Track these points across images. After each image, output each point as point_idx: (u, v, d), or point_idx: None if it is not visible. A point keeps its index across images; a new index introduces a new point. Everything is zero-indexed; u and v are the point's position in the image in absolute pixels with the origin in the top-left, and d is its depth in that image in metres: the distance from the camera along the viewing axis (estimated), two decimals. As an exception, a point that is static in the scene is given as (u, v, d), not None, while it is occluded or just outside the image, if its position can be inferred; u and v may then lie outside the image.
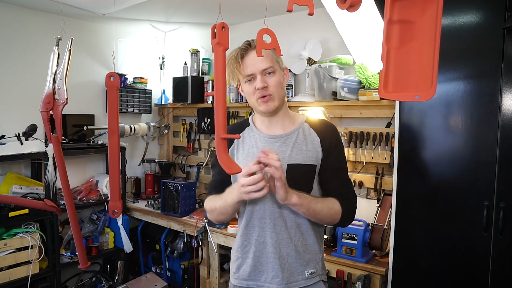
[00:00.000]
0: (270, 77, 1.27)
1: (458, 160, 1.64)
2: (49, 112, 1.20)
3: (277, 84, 1.28)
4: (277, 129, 1.35)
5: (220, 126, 0.81)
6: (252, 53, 1.27)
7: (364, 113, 2.49)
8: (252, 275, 1.32)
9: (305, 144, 1.31)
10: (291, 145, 1.31)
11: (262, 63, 1.26)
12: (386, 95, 0.78)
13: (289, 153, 1.29)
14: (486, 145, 1.56)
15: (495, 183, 1.53)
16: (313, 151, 1.31)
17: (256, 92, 1.27)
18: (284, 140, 1.32)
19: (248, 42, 1.29)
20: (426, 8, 0.73)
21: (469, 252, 1.63)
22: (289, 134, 1.33)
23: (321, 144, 1.31)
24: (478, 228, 1.58)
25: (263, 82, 1.26)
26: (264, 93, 1.27)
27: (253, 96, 1.29)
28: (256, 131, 1.37)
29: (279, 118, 1.34)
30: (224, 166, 0.81)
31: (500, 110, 1.51)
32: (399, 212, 1.85)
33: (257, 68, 1.26)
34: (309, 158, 1.30)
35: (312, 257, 1.32)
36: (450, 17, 1.63)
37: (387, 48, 0.76)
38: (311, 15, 0.76)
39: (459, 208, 1.65)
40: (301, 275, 1.30)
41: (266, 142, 1.33)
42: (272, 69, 1.28)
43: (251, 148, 1.35)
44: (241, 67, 1.28)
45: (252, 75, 1.27)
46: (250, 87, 1.29)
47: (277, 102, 1.29)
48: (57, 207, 1.32)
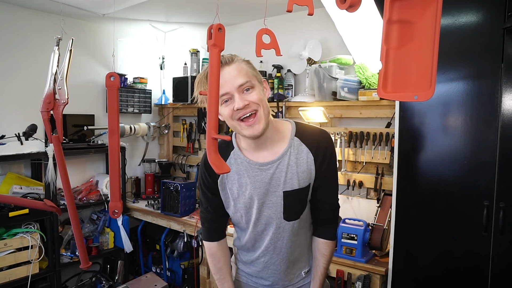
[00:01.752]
0: (249, 93, 1.11)
1: (458, 160, 1.64)
2: (49, 112, 1.20)
3: (259, 99, 1.12)
4: (267, 153, 1.22)
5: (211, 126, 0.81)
6: (224, 70, 1.09)
7: (364, 113, 2.49)
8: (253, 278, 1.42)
9: (297, 166, 1.22)
10: (284, 170, 1.21)
11: (237, 78, 1.09)
12: (385, 95, 0.78)
13: (283, 180, 1.21)
14: (486, 145, 1.56)
15: (495, 183, 1.53)
16: (307, 172, 1.23)
17: (235, 113, 1.11)
18: (277, 166, 1.21)
19: (222, 56, 1.10)
20: (426, 8, 0.73)
21: (469, 252, 1.63)
22: (281, 158, 1.21)
23: (314, 162, 1.23)
24: (478, 228, 1.57)
25: (243, 100, 1.09)
26: (246, 111, 1.10)
27: (233, 119, 1.13)
28: (244, 158, 1.24)
29: (267, 138, 1.20)
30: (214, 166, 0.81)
31: (500, 110, 1.51)
32: (399, 212, 1.85)
33: (232, 85, 1.09)
34: (303, 181, 1.23)
35: (306, 258, 1.40)
36: (450, 17, 1.63)
37: (386, 48, 0.77)
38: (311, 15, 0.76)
39: (459, 208, 1.65)
40: (300, 276, 1.40)
41: (258, 171, 1.22)
42: (250, 84, 1.11)
43: (242, 177, 1.25)
44: None
45: (227, 94, 1.10)
46: (228, 109, 1.11)
47: (264, 123, 1.13)
48: (57, 207, 1.32)
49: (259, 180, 1.23)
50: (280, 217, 1.25)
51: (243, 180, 1.25)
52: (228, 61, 1.12)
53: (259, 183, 1.23)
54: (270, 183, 1.22)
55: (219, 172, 0.82)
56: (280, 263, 1.33)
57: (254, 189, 1.24)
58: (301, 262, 1.38)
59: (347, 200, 2.55)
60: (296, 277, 1.39)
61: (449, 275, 1.69)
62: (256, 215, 1.27)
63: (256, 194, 1.24)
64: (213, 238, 1.41)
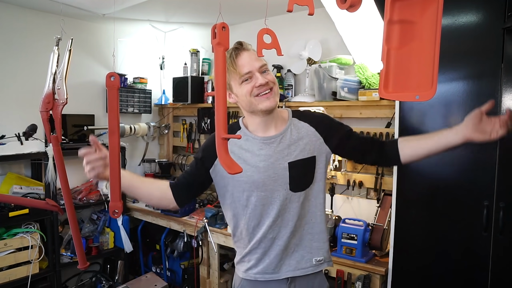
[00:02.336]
0: (266, 74, 1.29)
1: (458, 160, 1.64)
2: (48, 112, 1.20)
3: (274, 79, 1.31)
4: (272, 130, 1.34)
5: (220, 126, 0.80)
6: (245, 54, 1.27)
7: (364, 113, 2.49)
8: (259, 266, 1.36)
9: (299, 139, 1.34)
10: (287, 143, 1.32)
11: (257, 61, 1.27)
12: (386, 95, 0.78)
13: (287, 152, 1.31)
14: (486, 145, 1.55)
15: (495, 183, 1.53)
16: (310, 143, 1.33)
17: (254, 89, 1.27)
18: (280, 140, 1.33)
19: (239, 43, 1.29)
20: (426, 8, 0.73)
21: (469, 252, 1.63)
22: (283, 133, 1.33)
23: (317, 131, 1.35)
24: (478, 228, 1.57)
25: (263, 78, 1.26)
26: (266, 87, 1.27)
27: (251, 95, 1.28)
28: (250, 134, 1.35)
29: (273, 118, 1.34)
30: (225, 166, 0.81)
31: (500, 110, 1.51)
32: (399, 212, 1.85)
33: (253, 65, 1.26)
34: (307, 151, 1.32)
35: (320, 245, 1.37)
36: (450, 17, 1.63)
37: (387, 48, 0.76)
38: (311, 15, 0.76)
39: (459, 208, 1.65)
40: (309, 262, 1.36)
41: (262, 144, 1.32)
42: (266, 67, 1.30)
43: (247, 152, 1.33)
44: (237, 66, 1.27)
45: (249, 72, 1.26)
46: (248, 86, 1.27)
47: (277, 98, 1.31)
48: (59, 207, 1.32)
49: (264, 154, 1.32)
50: (287, 188, 1.31)
51: (248, 154, 1.33)
52: (247, 47, 1.29)
53: (264, 156, 1.31)
54: (274, 156, 1.31)
55: (231, 172, 0.81)
56: (288, 238, 1.33)
57: (259, 161, 1.31)
58: (312, 246, 1.36)
59: (347, 200, 2.55)
60: (305, 261, 1.35)
61: (449, 275, 1.69)
62: (263, 187, 1.30)
63: (262, 166, 1.30)
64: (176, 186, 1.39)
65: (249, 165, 1.31)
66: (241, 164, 1.26)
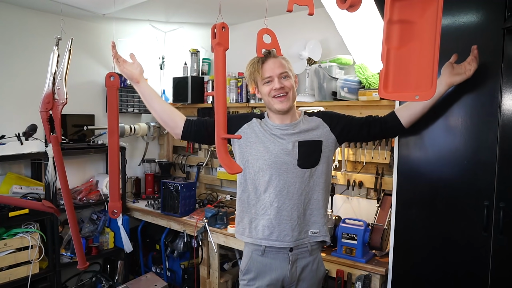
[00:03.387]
0: (285, 80, 1.54)
1: (458, 160, 1.64)
2: (48, 112, 1.20)
3: (291, 86, 1.56)
4: (287, 121, 1.62)
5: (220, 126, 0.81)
6: (271, 60, 1.54)
7: (364, 113, 2.48)
8: (265, 234, 1.57)
9: (309, 126, 1.61)
10: (299, 129, 1.60)
11: (279, 68, 1.53)
12: (386, 95, 0.78)
13: (297, 134, 1.58)
14: (486, 145, 1.56)
15: (495, 183, 1.53)
16: (317, 130, 1.61)
17: (272, 91, 1.54)
18: (294, 127, 1.60)
19: (268, 51, 1.54)
20: (426, 8, 0.72)
21: (469, 252, 1.63)
22: (296, 123, 1.62)
23: (324, 121, 1.62)
24: (478, 228, 1.57)
25: (280, 83, 1.53)
26: (280, 92, 1.53)
27: (269, 96, 1.56)
28: (270, 121, 1.64)
29: (289, 115, 1.61)
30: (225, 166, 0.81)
31: (500, 110, 1.51)
32: (399, 212, 1.84)
33: (274, 72, 1.53)
34: (315, 136, 1.59)
35: (317, 220, 1.61)
36: (450, 17, 1.62)
37: (387, 48, 0.76)
38: (311, 15, 0.76)
39: (459, 208, 1.64)
40: (306, 233, 1.60)
41: (279, 128, 1.60)
42: (287, 74, 1.55)
43: (265, 131, 1.60)
44: (261, 70, 1.53)
45: (270, 77, 1.54)
46: (267, 87, 1.55)
47: (291, 102, 1.57)
48: (55, 208, 1.32)
49: (279, 134, 1.59)
50: (295, 163, 1.55)
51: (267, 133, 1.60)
52: (275, 55, 1.55)
53: (280, 135, 1.58)
54: (287, 136, 1.58)
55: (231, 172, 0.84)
56: (291, 209, 1.55)
57: (276, 138, 1.58)
58: (310, 220, 1.60)
59: (347, 200, 2.55)
60: (303, 232, 1.58)
61: (449, 275, 1.69)
62: (275, 159, 1.55)
63: (277, 142, 1.58)
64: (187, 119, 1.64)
65: (266, 139, 1.58)
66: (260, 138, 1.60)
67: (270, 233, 1.56)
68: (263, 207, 1.58)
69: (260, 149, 1.58)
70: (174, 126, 1.60)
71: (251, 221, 1.61)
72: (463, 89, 1.62)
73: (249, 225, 1.62)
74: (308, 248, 1.60)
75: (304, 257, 1.60)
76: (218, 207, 2.90)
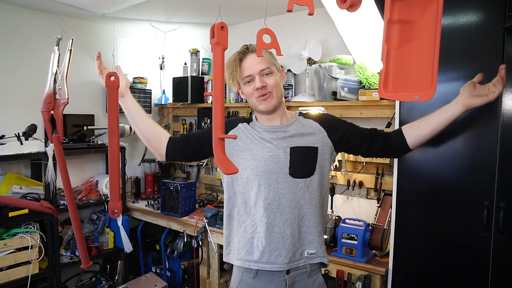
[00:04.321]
0: (268, 77, 1.35)
1: (458, 160, 1.64)
2: (50, 112, 1.20)
3: (275, 84, 1.36)
4: (277, 122, 1.44)
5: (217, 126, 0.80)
6: (250, 56, 1.35)
7: (364, 113, 2.49)
8: (256, 254, 1.36)
9: (304, 130, 1.42)
10: (291, 132, 1.41)
11: (260, 64, 1.34)
12: (386, 95, 0.78)
13: (290, 138, 1.39)
14: (486, 145, 1.56)
15: (495, 183, 1.53)
16: (313, 135, 1.41)
17: (255, 92, 1.36)
18: (285, 129, 1.41)
19: (246, 46, 1.37)
20: (426, 8, 0.73)
21: (469, 252, 1.63)
22: (288, 124, 1.43)
23: (322, 127, 1.43)
24: (478, 228, 1.57)
25: (262, 82, 1.34)
26: (263, 92, 1.35)
27: (252, 97, 1.38)
28: (258, 124, 1.45)
29: (278, 116, 1.43)
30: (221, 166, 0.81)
31: (500, 110, 1.51)
32: (399, 212, 1.84)
33: (254, 69, 1.34)
34: (309, 141, 1.39)
35: (314, 239, 1.39)
36: (450, 17, 1.63)
37: (387, 48, 0.76)
38: (311, 15, 0.76)
39: (459, 208, 1.64)
40: (302, 254, 1.39)
41: (268, 131, 1.41)
42: (269, 70, 1.35)
43: (253, 136, 1.42)
44: (240, 70, 1.35)
45: (250, 76, 1.35)
46: (249, 88, 1.37)
47: (276, 101, 1.37)
48: (54, 209, 1.31)
49: (268, 138, 1.40)
50: (286, 172, 1.36)
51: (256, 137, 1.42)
52: (254, 50, 1.35)
53: (269, 139, 1.40)
54: (278, 141, 1.39)
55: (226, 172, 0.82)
56: (283, 225, 1.34)
57: (264, 142, 1.40)
58: (306, 239, 1.38)
59: (347, 200, 2.55)
60: (299, 253, 1.38)
61: (449, 275, 1.69)
62: (263, 167, 1.36)
63: (266, 147, 1.39)
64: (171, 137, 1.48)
65: (254, 145, 1.40)
66: (247, 145, 1.41)
67: (260, 254, 1.35)
68: (252, 224, 1.38)
69: (247, 157, 1.38)
70: (158, 147, 1.44)
71: (240, 240, 1.40)
72: (463, 89, 1.62)
73: (238, 244, 1.41)
74: (307, 269, 1.40)
75: (303, 279, 1.39)
76: (218, 207, 2.90)
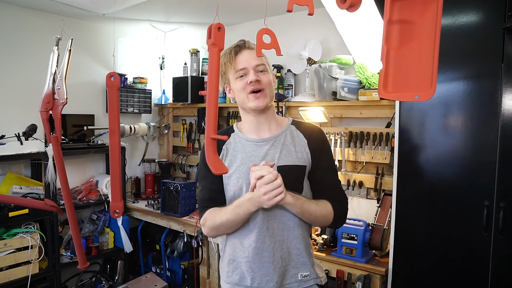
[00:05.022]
0: (262, 74, 1.29)
1: (458, 160, 1.64)
2: (48, 112, 1.20)
3: (268, 82, 1.29)
4: (265, 132, 1.33)
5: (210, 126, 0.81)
6: (246, 51, 1.29)
7: (364, 113, 2.49)
8: (246, 279, 1.29)
9: (293, 146, 1.31)
10: (279, 147, 1.30)
11: (255, 60, 1.28)
12: (386, 95, 0.78)
13: (278, 155, 1.29)
14: (486, 145, 1.56)
15: (495, 183, 1.53)
16: (302, 152, 1.31)
17: (247, 86, 1.27)
18: (273, 143, 1.31)
19: (243, 41, 1.31)
20: (426, 8, 0.73)
21: (469, 252, 1.63)
22: (277, 136, 1.32)
23: (308, 145, 1.32)
24: (478, 228, 1.57)
25: (256, 76, 1.27)
26: (257, 86, 1.26)
27: (244, 92, 1.28)
28: (243, 136, 1.35)
29: (266, 120, 1.33)
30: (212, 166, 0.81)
31: (500, 110, 1.51)
32: (399, 212, 1.85)
33: (250, 63, 1.27)
34: (298, 159, 1.30)
35: (306, 261, 1.31)
36: (450, 17, 1.63)
37: (387, 48, 0.76)
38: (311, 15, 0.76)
39: (459, 208, 1.65)
40: (294, 278, 1.30)
41: (254, 146, 1.31)
42: (264, 67, 1.30)
43: (239, 153, 1.32)
44: (234, 62, 1.28)
45: (244, 69, 1.28)
46: (242, 82, 1.28)
47: (268, 100, 1.29)
48: (58, 207, 1.32)
49: (255, 155, 1.30)
50: None
51: (240, 155, 1.32)
52: (250, 46, 1.30)
53: (255, 158, 1.30)
54: (265, 158, 1.29)
55: (216, 172, 0.82)
56: (273, 249, 1.26)
57: (250, 163, 1.26)
58: (298, 261, 1.30)
59: (347, 200, 2.54)
60: (290, 276, 1.29)
61: (449, 275, 1.69)
62: (247, 185, 1.26)
63: (246, 168, 1.28)
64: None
65: (240, 165, 1.29)
66: (232, 164, 1.29)
67: (251, 280, 1.28)
68: (241, 249, 1.30)
69: (232, 180, 1.30)
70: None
71: (229, 262, 1.33)
72: (463, 89, 1.62)
73: (227, 266, 1.34)
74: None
75: None
76: (218, 207, 2.90)
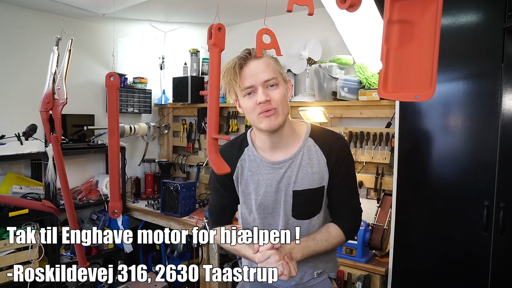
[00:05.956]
0: (273, 89, 1.14)
1: (458, 160, 1.64)
2: (48, 112, 1.20)
3: (281, 99, 1.14)
4: (280, 152, 1.24)
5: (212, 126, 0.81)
6: (253, 63, 1.13)
7: (364, 113, 2.49)
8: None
9: (310, 167, 1.22)
10: (296, 170, 1.22)
11: (264, 73, 1.12)
12: (386, 95, 0.78)
13: (294, 179, 1.22)
14: (486, 145, 1.56)
15: (495, 183, 1.53)
16: (319, 173, 1.23)
17: (257, 107, 1.13)
18: (289, 165, 1.23)
19: (248, 51, 1.15)
20: (426, 8, 0.72)
21: (469, 252, 1.63)
22: (293, 158, 1.23)
23: (327, 164, 1.22)
24: (478, 228, 1.57)
25: (266, 95, 1.12)
26: (267, 107, 1.12)
27: (253, 112, 1.15)
28: (258, 155, 1.26)
29: (282, 138, 1.22)
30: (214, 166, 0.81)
31: (500, 110, 1.51)
32: (399, 212, 1.85)
33: (257, 79, 1.12)
34: (316, 181, 1.23)
35: (322, 259, 1.33)
36: (450, 17, 1.63)
37: (386, 48, 0.76)
38: (311, 15, 0.76)
39: (459, 208, 1.65)
40: (310, 276, 1.33)
41: (270, 169, 1.24)
42: (275, 81, 1.14)
43: (255, 175, 1.27)
44: (239, 78, 1.12)
45: (252, 87, 1.13)
46: (250, 101, 1.14)
47: (281, 119, 1.15)
48: (55, 208, 1.32)
49: (271, 178, 1.25)
50: (289, 214, 1.26)
51: (256, 177, 1.27)
52: (257, 56, 1.13)
53: (271, 181, 1.25)
54: (281, 182, 1.24)
55: (218, 172, 0.82)
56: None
57: (266, 186, 1.25)
58: (313, 261, 1.30)
59: (347, 200, 2.54)
60: (306, 275, 1.32)
61: (449, 275, 1.69)
62: (265, 210, 1.28)
63: (268, 191, 1.26)
64: (220, 225, 1.40)
65: (258, 187, 1.27)
66: (248, 185, 1.28)
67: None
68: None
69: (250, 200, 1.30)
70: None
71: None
72: (463, 89, 1.62)
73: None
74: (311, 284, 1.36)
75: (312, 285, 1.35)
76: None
